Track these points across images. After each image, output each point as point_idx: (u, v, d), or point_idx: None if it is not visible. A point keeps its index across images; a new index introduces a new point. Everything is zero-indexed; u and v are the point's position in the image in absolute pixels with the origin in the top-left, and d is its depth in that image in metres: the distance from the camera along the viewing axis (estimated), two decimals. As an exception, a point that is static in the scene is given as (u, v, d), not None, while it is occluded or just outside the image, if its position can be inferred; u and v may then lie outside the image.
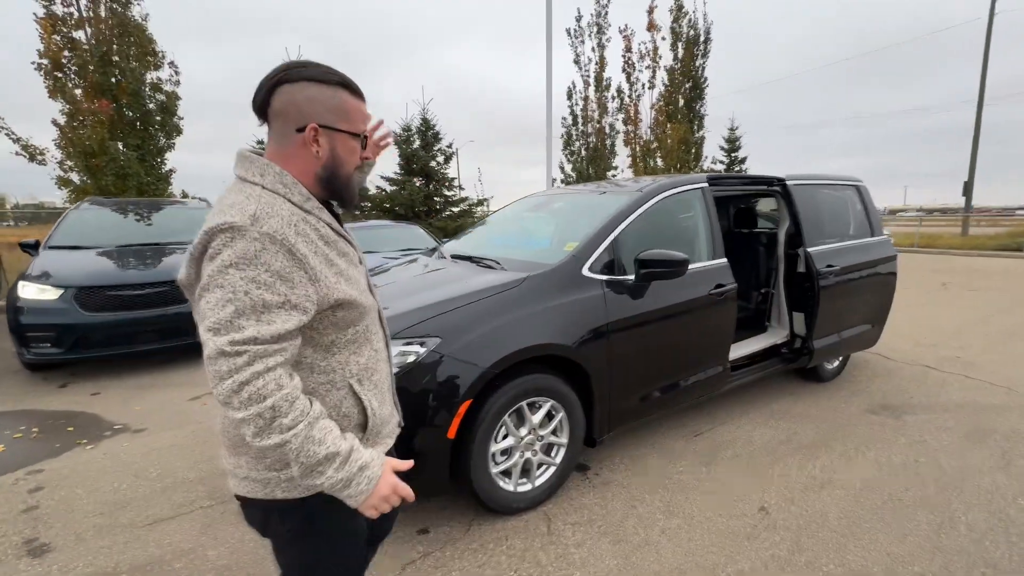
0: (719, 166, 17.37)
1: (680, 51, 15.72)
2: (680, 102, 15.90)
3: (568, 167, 17.09)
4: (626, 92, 16.11)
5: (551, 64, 11.20)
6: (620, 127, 16.39)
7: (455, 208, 12.91)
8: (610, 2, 15.89)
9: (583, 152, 16.86)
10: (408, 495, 0.96)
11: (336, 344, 0.96)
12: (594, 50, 16.20)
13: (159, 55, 9.55)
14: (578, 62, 16.50)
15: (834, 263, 3.40)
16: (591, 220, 2.68)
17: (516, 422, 2.21)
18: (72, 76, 8.79)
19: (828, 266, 3.35)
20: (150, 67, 9.47)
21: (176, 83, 9.85)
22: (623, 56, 15.91)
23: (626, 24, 15.79)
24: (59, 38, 8.59)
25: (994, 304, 6.79)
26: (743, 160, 17.49)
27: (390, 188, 12.51)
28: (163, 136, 9.87)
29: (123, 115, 9.21)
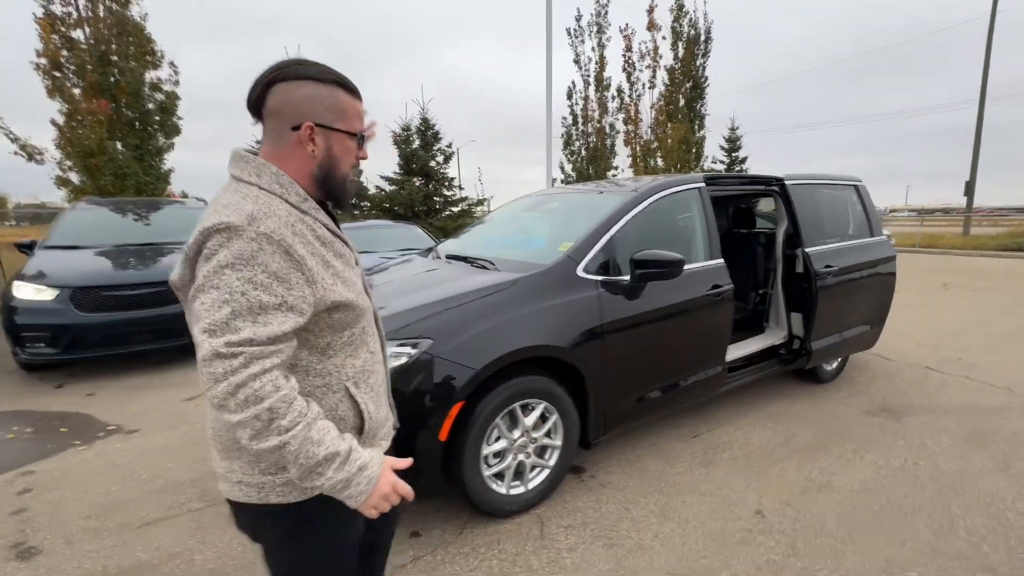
0: (720, 166, 17.34)
1: (681, 50, 15.70)
2: (681, 102, 15.89)
3: (568, 167, 17.06)
4: (626, 92, 16.09)
5: (551, 64, 11.18)
6: (620, 127, 16.38)
7: (455, 208, 12.90)
8: (610, 1, 15.86)
9: (583, 152, 16.84)
10: (408, 493, 0.95)
11: (332, 346, 0.95)
12: (594, 50, 16.17)
13: (158, 55, 9.56)
14: (578, 62, 16.47)
15: (833, 263, 3.37)
16: (586, 220, 2.65)
17: (509, 424, 2.19)
18: (71, 76, 8.80)
19: (827, 266, 3.32)
20: (149, 67, 9.49)
21: (175, 83, 9.86)
22: (623, 56, 15.89)
23: (627, 23, 15.77)
24: (58, 38, 8.60)
25: (995, 304, 6.75)
26: (744, 160, 17.45)
27: (389, 188, 12.49)
28: (162, 136, 9.88)
29: (122, 115, 9.22)
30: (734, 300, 2.89)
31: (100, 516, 2.27)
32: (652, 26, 15.52)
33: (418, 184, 12.25)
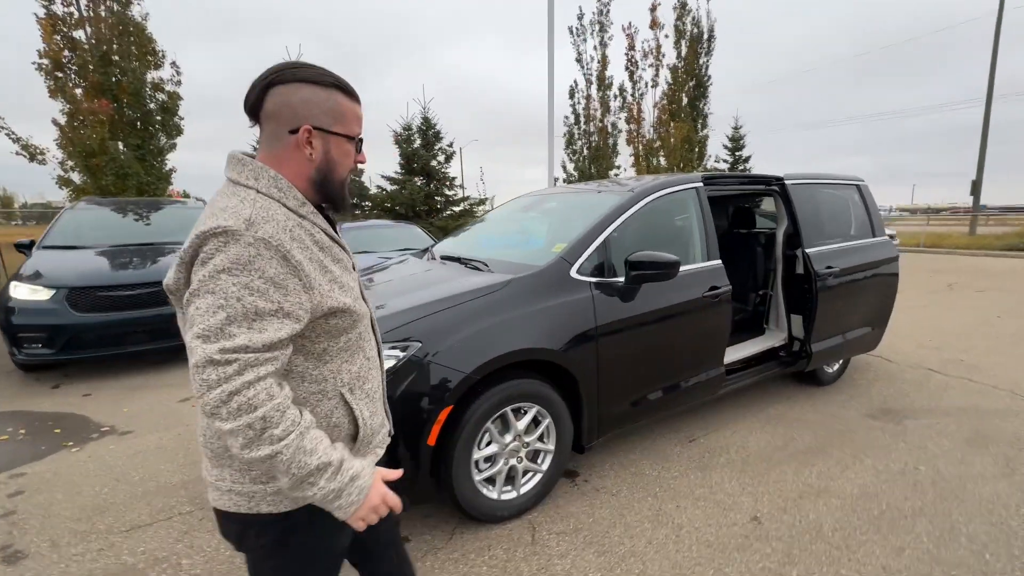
0: (723, 165, 17.25)
1: (683, 49, 15.63)
2: (684, 100, 15.81)
3: (570, 166, 17.03)
4: (629, 90, 16.03)
5: (553, 63, 11.12)
6: (623, 126, 16.32)
7: (456, 208, 12.85)
8: (612, 0, 15.80)
9: (585, 151, 16.79)
10: (396, 505, 0.95)
11: (328, 352, 0.93)
12: (596, 48, 16.15)
13: (159, 55, 9.56)
14: (580, 60, 16.45)
15: (833, 264, 3.32)
16: (582, 221, 2.61)
17: (500, 428, 2.16)
18: (72, 76, 8.82)
19: (827, 267, 3.27)
20: (150, 67, 9.49)
21: (178, 83, 9.87)
22: (626, 54, 15.85)
23: (629, 22, 15.72)
24: (59, 38, 8.62)
25: (1000, 305, 6.67)
26: (747, 159, 17.35)
27: (390, 187, 12.47)
28: (164, 136, 9.89)
29: (123, 115, 9.23)
30: (733, 301, 2.84)
31: (89, 519, 2.26)
32: (655, 24, 15.46)
33: (419, 184, 12.21)
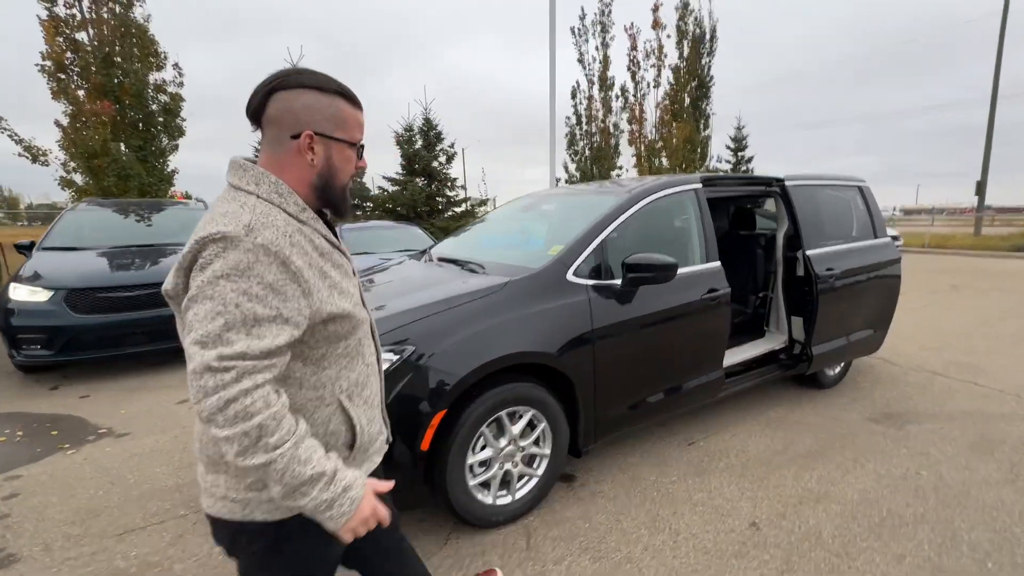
0: (725, 165, 17.20)
1: (686, 49, 15.60)
2: (686, 101, 15.76)
3: (572, 167, 17.00)
4: (631, 91, 16.00)
5: (555, 63, 11.10)
6: (624, 126, 16.29)
7: (457, 208, 12.85)
8: (613, 0, 15.78)
9: (587, 152, 16.76)
10: (384, 519, 0.93)
11: (327, 358, 0.93)
12: (598, 49, 16.13)
13: (161, 56, 9.58)
14: (582, 61, 16.44)
15: (834, 266, 3.29)
16: (579, 222, 2.59)
17: (495, 432, 2.14)
18: (75, 78, 8.85)
19: (828, 269, 3.24)
20: (152, 68, 9.51)
21: (180, 84, 9.88)
22: (628, 55, 15.84)
23: (631, 22, 15.70)
24: (62, 40, 8.65)
25: (1004, 307, 6.61)
26: (750, 159, 17.30)
27: (392, 188, 12.47)
28: (166, 137, 9.91)
29: (125, 116, 9.25)
30: (733, 304, 2.82)
31: (83, 522, 2.25)
32: (657, 25, 15.42)
33: (421, 184, 12.21)
